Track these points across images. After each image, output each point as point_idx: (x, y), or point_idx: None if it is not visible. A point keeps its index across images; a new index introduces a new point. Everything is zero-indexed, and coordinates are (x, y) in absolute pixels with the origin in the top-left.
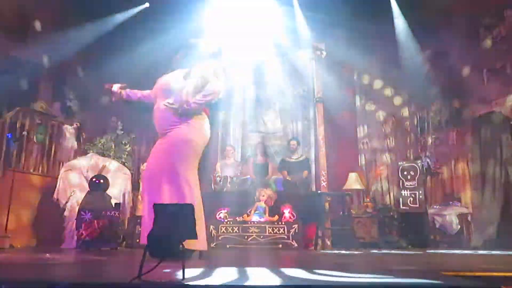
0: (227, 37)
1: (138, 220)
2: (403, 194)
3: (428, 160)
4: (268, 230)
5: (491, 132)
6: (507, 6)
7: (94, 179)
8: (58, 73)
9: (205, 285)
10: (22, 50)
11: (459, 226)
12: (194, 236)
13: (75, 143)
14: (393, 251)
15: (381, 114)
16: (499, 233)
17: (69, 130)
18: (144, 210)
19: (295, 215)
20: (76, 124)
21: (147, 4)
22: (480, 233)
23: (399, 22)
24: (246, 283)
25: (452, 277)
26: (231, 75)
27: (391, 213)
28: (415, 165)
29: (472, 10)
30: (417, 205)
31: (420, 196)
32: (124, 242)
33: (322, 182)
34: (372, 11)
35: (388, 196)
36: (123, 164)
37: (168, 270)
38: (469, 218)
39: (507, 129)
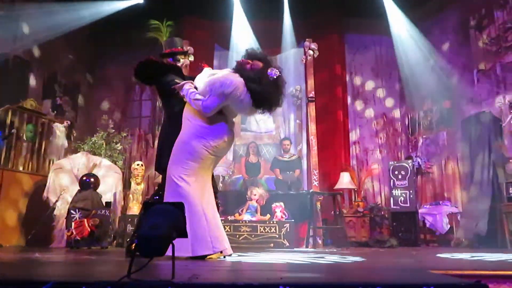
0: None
1: (129, 219)
2: (394, 194)
3: (419, 160)
4: (260, 229)
5: (481, 132)
6: (497, 8)
7: (84, 178)
8: (49, 70)
9: (196, 284)
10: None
11: (449, 226)
12: (185, 234)
13: (66, 141)
14: (383, 250)
15: (372, 114)
16: (488, 231)
17: (59, 128)
18: None
19: (286, 214)
20: (67, 122)
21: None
22: (467, 231)
23: (393, 22)
24: (238, 282)
25: (441, 276)
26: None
27: (382, 212)
28: (406, 165)
29: (462, 11)
30: (408, 205)
31: (411, 196)
32: (115, 241)
33: (314, 181)
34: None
35: (379, 195)
36: (114, 163)
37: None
38: (459, 217)
39: (497, 129)
